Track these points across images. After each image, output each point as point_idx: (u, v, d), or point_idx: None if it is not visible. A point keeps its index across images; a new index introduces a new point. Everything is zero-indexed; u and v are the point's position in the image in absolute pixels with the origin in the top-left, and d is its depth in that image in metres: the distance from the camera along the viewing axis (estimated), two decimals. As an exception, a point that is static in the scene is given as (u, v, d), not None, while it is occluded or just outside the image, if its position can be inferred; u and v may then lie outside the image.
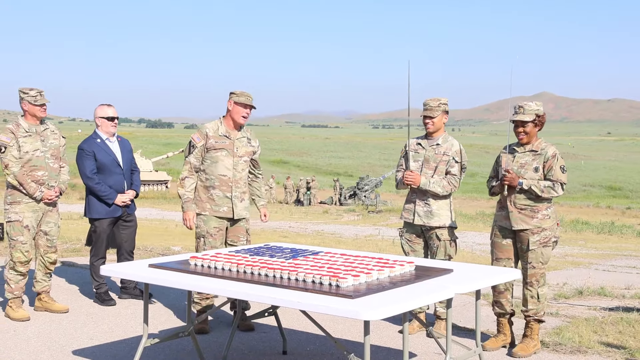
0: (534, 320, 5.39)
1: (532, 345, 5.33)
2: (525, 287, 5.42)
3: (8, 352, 5.23)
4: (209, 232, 5.89)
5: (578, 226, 27.69)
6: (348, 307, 3.35)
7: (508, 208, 5.39)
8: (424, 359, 5.21)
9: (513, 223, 5.37)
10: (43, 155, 6.26)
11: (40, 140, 6.27)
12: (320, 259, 4.45)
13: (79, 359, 5.11)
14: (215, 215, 5.91)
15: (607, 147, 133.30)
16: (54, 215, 6.42)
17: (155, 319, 6.21)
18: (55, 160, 6.36)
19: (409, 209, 5.88)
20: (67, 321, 6.19)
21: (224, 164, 5.90)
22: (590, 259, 14.27)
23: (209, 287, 3.98)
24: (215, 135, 5.92)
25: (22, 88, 6.27)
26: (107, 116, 6.90)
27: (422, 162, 5.81)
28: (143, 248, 11.09)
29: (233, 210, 5.92)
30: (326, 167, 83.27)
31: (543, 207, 5.34)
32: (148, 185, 46.00)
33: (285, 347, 5.33)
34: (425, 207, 5.76)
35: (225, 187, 5.90)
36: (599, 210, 42.19)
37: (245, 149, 6.02)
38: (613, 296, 8.13)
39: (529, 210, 5.33)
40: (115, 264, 5.33)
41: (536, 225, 5.32)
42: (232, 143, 5.94)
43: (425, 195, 5.75)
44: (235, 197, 5.93)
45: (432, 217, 5.74)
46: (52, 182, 6.32)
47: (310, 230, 20.77)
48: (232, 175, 5.92)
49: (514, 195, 5.36)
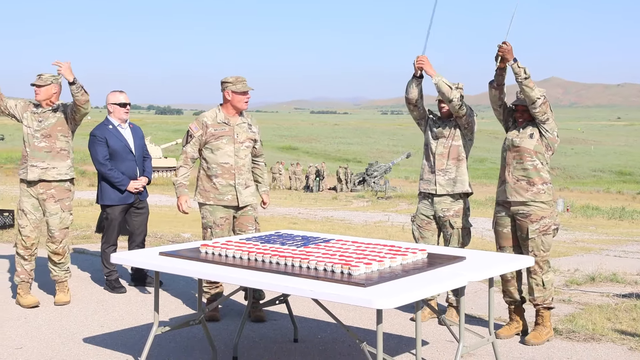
0: (543, 308, 5.34)
1: (544, 333, 5.29)
2: (530, 276, 5.37)
3: (19, 339, 5.23)
4: (216, 222, 5.83)
5: (588, 212, 27.62)
6: (360, 295, 3.32)
7: (506, 179, 5.36)
8: (436, 347, 5.19)
9: (508, 195, 5.34)
10: (32, 134, 6.20)
11: (37, 120, 6.21)
12: (332, 247, 4.42)
13: (89, 346, 5.10)
14: (220, 205, 5.84)
15: (616, 132, 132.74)
16: (50, 206, 6.23)
17: (166, 307, 6.20)
18: (45, 140, 6.19)
19: (429, 179, 5.81)
20: (77, 308, 6.19)
21: (225, 151, 5.82)
22: (601, 245, 14.21)
23: (219, 275, 3.96)
24: (214, 123, 5.85)
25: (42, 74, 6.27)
26: (119, 102, 6.89)
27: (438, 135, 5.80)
28: (153, 235, 11.11)
29: (237, 198, 5.85)
30: (335, 153, 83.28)
31: (539, 181, 5.28)
32: (157, 172, 46.09)
33: (296, 335, 5.31)
34: (446, 175, 5.72)
35: (228, 174, 5.83)
36: (609, 196, 42.09)
37: (246, 134, 5.94)
38: (626, 282, 8.07)
39: (524, 182, 5.28)
40: (126, 252, 5.31)
41: (530, 199, 5.25)
42: (232, 129, 5.86)
43: (445, 164, 5.71)
44: (239, 184, 5.85)
45: (455, 185, 5.71)
46: (35, 162, 6.16)
47: (320, 217, 20.76)
48: (234, 162, 5.84)
49: (512, 166, 5.33)
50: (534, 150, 5.29)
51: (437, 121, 5.87)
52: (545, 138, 5.30)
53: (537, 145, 5.29)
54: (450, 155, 5.73)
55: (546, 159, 5.36)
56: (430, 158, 5.82)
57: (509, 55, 5.16)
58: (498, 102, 5.47)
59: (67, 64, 5.85)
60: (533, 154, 5.29)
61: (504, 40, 5.19)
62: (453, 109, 5.63)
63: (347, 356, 4.94)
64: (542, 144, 5.30)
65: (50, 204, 6.23)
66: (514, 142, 5.36)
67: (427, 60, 5.59)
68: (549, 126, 5.29)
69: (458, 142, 5.75)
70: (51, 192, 6.23)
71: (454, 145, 5.75)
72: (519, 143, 5.32)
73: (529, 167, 5.28)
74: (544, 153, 5.32)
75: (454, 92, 5.55)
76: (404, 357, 4.91)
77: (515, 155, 5.34)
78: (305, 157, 71.14)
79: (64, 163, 6.26)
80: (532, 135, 5.30)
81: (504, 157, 5.46)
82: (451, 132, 5.76)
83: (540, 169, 5.30)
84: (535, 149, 5.29)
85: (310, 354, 4.99)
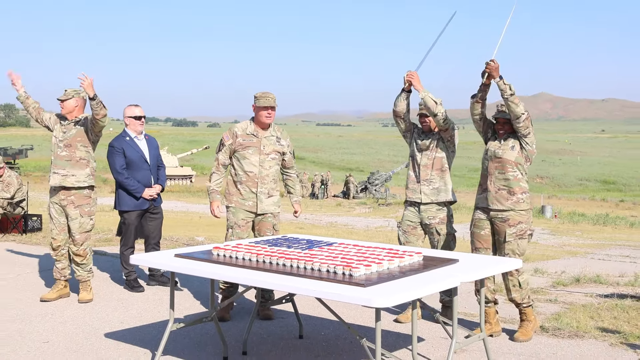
0: (524, 307, 5.30)
1: (530, 328, 5.27)
2: (506, 278, 5.29)
3: (46, 334, 5.26)
4: (237, 223, 5.86)
5: (575, 218, 27.57)
6: (361, 294, 3.33)
7: (487, 187, 5.32)
8: (431, 344, 5.19)
9: (490, 202, 5.29)
10: (56, 144, 6.30)
11: (62, 131, 6.30)
12: (334, 250, 4.43)
13: (110, 340, 5.12)
14: (242, 208, 5.87)
15: (601, 144, 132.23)
16: (71, 211, 6.28)
17: (181, 305, 6.22)
18: (66, 149, 6.25)
19: (414, 189, 5.76)
20: (99, 306, 6.21)
21: (251, 161, 5.84)
22: (587, 249, 14.16)
23: (230, 276, 3.97)
24: (243, 134, 5.88)
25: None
26: (134, 115, 6.93)
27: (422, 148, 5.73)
28: (169, 238, 11.12)
29: (257, 205, 5.86)
30: (339, 162, 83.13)
31: (519, 191, 5.23)
32: (174, 180, 46.17)
33: (301, 331, 5.32)
34: (430, 185, 5.67)
35: (252, 183, 5.85)
36: (594, 203, 41.95)
37: (273, 147, 5.93)
38: (608, 283, 8.06)
39: (505, 191, 5.24)
40: (144, 254, 5.34)
41: (510, 208, 5.21)
42: (259, 141, 5.87)
43: (429, 175, 5.66)
44: (261, 193, 5.86)
45: (439, 194, 5.66)
46: (57, 169, 6.24)
47: (325, 222, 20.75)
48: (258, 171, 5.85)
49: (494, 175, 5.29)
50: (515, 161, 5.25)
51: (422, 134, 5.81)
52: (526, 150, 5.26)
53: (518, 157, 5.26)
54: (434, 166, 5.68)
55: (525, 170, 5.32)
56: (415, 169, 5.76)
57: (496, 72, 5.13)
58: (479, 115, 5.42)
59: (90, 80, 5.89)
60: (514, 165, 5.25)
61: (492, 58, 5.15)
62: (438, 123, 5.58)
63: (349, 352, 4.94)
64: (522, 155, 5.27)
65: (71, 209, 6.29)
66: (496, 153, 5.32)
67: (416, 75, 5.57)
68: (530, 139, 5.25)
69: (441, 154, 5.70)
70: (71, 198, 6.28)
71: (438, 157, 5.69)
72: (501, 154, 5.28)
73: (510, 177, 5.24)
74: (523, 164, 5.28)
75: (439, 107, 5.51)
76: (401, 352, 4.91)
77: (497, 166, 5.29)
78: (311, 166, 71.04)
79: (82, 171, 6.28)
80: (514, 147, 5.27)
81: (485, 166, 5.42)
82: (435, 144, 5.70)
83: (520, 179, 5.26)
84: (516, 160, 5.25)
85: (315, 349, 5.00)
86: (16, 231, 11.43)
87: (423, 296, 3.64)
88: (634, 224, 25.34)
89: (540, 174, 72.14)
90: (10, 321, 5.65)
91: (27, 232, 11.40)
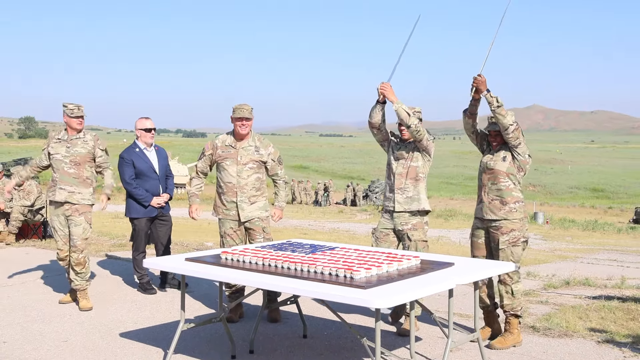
0: (511, 315, 5.12)
1: (510, 339, 5.07)
2: (500, 284, 5.18)
3: (65, 334, 5.29)
4: (226, 232, 5.88)
5: (565, 224, 27.51)
6: (361, 296, 3.35)
7: (482, 199, 5.25)
8: (428, 342, 5.20)
9: (484, 213, 5.22)
10: (61, 160, 6.15)
11: (66, 147, 6.17)
12: (336, 254, 4.45)
13: (124, 340, 5.15)
14: (228, 218, 5.89)
15: (591, 154, 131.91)
16: (74, 217, 6.15)
17: (191, 306, 6.24)
18: (73, 167, 6.15)
19: (389, 197, 5.59)
20: (114, 307, 6.24)
21: (229, 171, 5.85)
22: (576, 253, 14.16)
23: (238, 279, 3.99)
24: (222, 145, 5.91)
25: (65, 102, 6.25)
26: (144, 128, 6.95)
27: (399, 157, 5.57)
28: (180, 243, 11.15)
29: (239, 213, 5.85)
30: (341, 171, 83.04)
31: (511, 200, 5.12)
32: (184, 188, 46.18)
33: (305, 331, 5.33)
34: (404, 193, 5.50)
35: (231, 192, 5.84)
36: (584, 210, 41.84)
37: (251, 157, 5.88)
38: (596, 286, 8.07)
39: (498, 202, 5.15)
40: (156, 258, 5.37)
41: (503, 217, 5.11)
42: (236, 152, 5.86)
43: (403, 184, 5.49)
44: (242, 202, 5.83)
45: (412, 203, 5.47)
46: (63, 185, 6.12)
47: (327, 228, 20.75)
48: (236, 181, 5.83)
49: (487, 186, 5.22)
50: (506, 172, 5.15)
51: (399, 143, 5.64)
52: (517, 160, 5.16)
53: (510, 167, 5.15)
54: (409, 175, 5.47)
55: (518, 179, 5.20)
56: (391, 177, 5.57)
57: (483, 86, 5.02)
58: (471, 129, 5.32)
59: (106, 202, 6.34)
60: (506, 175, 5.15)
61: (479, 73, 5.06)
62: (412, 133, 5.38)
63: (350, 350, 4.96)
64: (514, 165, 5.16)
65: (75, 216, 6.15)
66: (488, 164, 5.24)
67: (389, 87, 5.38)
68: (521, 150, 5.14)
69: (416, 163, 5.49)
70: (75, 207, 6.16)
71: (412, 166, 5.48)
72: (492, 166, 5.20)
73: (502, 187, 5.14)
74: (516, 174, 5.17)
75: (412, 118, 5.28)
76: (400, 351, 4.92)
77: (490, 177, 5.21)
78: (314, 175, 71.00)
79: (87, 190, 6.21)
80: (505, 158, 5.18)
81: (480, 178, 5.34)
82: (410, 154, 5.52)
83: (512, 189, 5.15)
84: (507, 171, 5.15)
85: (318, 348, 5.01)
86: (36, 237, 11.49)
87: (420, 297, 3.66)
88: (622, 230, 25.31)
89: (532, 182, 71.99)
90: (32, 322, 5.68)
91: (46, 238, 11.45)
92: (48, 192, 6.28)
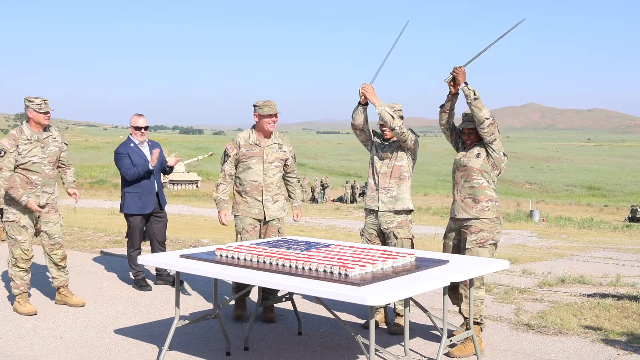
0: (468, 322, 4.66)
1: (469, 348, 4.77)
2: (461, 286, 4.93)
3: (59, 330, 5.29)
4: (245, 228, 5.77)
5: (561, 222, 27.59)
6: (356, 293, 3.35)
7: (455, 197, 5.12)
8: (422, 339, 5.21)
9: (456, 212, 5.07)
10: (40, 162, 5.86)
11: (40, 147, 5.87)
12: (331, 251, 4.45)
13: (119, 336, 5.14)
14: (249, 216, 5.79)
15: (587, 152, 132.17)
16: (51, 216, 5.98)
17: (186, 303, 6.24)
18: (52, 167, 5.96)
19: (372, 196, 5.52)
20: (109, 304, 6.23)
21: (255, 170, 5.74)
22: (572, 251, 14.19)
23: (232, 276, 3.99)
24: (246, 144, 5.77)
25: (28, 97, 5.89)
26: (136, 126, 6.92)
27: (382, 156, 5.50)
28: (175, 240, 11.14)
29: (264, 212, 5.79)
30: (338, 168, 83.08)
31: (484, 199, 4.93)
32: (180, 185, 46.17)
33: (300, 328, 5.34)
34: (387, 193, 5.42)
35: (257, 191, 5.75)
36: (580, 208, 41.97)
37: (276, 154, 5.83)
38: (591, 284, 8.08)
39: (470, 200, 4.96)
40: (151, 254, 5.37)
41: (474, 216, 4.94)
42: (262, 150, 5.77)
43: (387, 183, 5.40)
44: (267, 200, 5.77)
45: (396, 202, 5.40)
46: (46, 188, 5.91)
47: (324, 225, 20.76)
48: (262, 180, 5.75)
49: (460, 184, 5.07)
50: (479, 169, 4.96)
51: (383, 143, 5.55)
52: (492, 158, 4.97)
53: (483, 165, 4.97)
54: (393, 175, 5.39)
55: (492, 178, 5.02)
56: (374, 176, 5.48)
57: (461, 77, 4.88)
58: (446, 124, 5.17)
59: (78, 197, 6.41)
60: (479, 172, 4.97)
61: (461, 65, 4.91)
62: (397, 135, 5.29)
63: (344, 347, 4.96)
64: (489, 163, 4.97)
65: (52, 214, 6.00)
66: (461, 161, 5.09)
67: (371, 89, 5.29)
68: (496, 146, 4.94)
69: (400, 163, 5.40)
70: (51, 205, 6.01)
71: (397, 165, 5.40)
72: (465, 163, 5.01)
73: (475, 185, 4.96)
74: (490, 172, 4.99)
75: (396, 120, 5.20)
76: (394, 348, 4.93)
77: (463, 175, 5.03)
78: (312, 172, 70.97)
79: (55, 189, 6.10)
80: (479, 155, 4.98)
81: (453, 176, 5.19)
82: (395, 153, 5.44)
83: (485, 187, 4.96)
84: (481, 168, 4.97)
85: (312, 345, 5.02)
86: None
87: (414, 295, 3.66)
88: (617, 228, 25.40)
89: (529, 180, 72.14)
90: (26, 318, 5.68)
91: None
92: (16, 191, 5.78)
